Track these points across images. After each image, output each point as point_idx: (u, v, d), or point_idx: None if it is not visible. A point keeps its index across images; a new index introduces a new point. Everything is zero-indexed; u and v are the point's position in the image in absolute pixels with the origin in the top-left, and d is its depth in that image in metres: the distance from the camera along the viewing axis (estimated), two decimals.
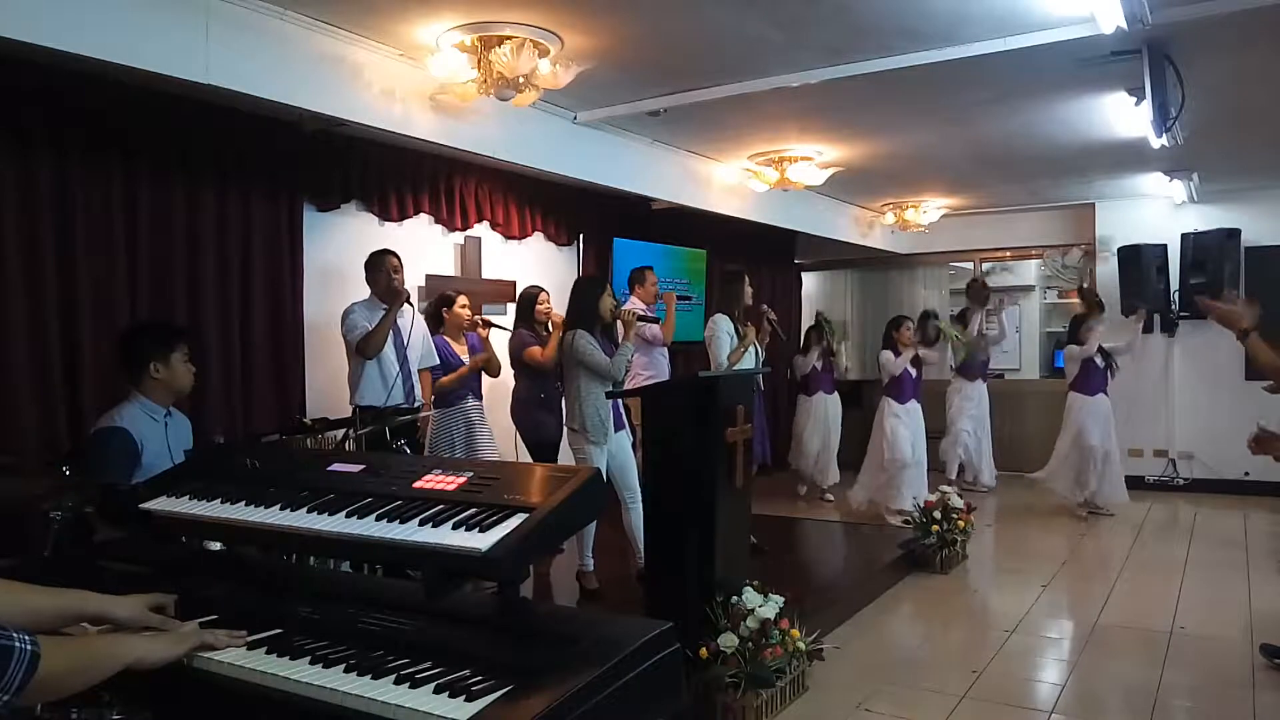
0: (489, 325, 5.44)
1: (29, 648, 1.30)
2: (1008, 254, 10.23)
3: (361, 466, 2.00)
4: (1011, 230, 9.56)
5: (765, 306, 5.65)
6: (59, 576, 2.02)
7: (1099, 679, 4.03)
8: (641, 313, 5.00)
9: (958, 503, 5.89)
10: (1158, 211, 8.48)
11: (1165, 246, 8.25)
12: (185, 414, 3.39)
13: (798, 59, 4.50)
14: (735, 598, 3.60)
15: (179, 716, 1.72)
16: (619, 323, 4.75)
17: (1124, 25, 3.72)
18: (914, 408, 6.91)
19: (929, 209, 8.94)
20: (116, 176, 4.09)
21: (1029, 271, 11.24)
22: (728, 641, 3.45)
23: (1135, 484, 8.10)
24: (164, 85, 3.70)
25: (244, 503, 1.96)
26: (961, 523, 5.84)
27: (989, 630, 4.70)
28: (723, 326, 5.53)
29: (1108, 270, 8.60)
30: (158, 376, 3.18)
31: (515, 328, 5.51)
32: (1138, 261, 8.20)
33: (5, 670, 1.26)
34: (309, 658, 1.55)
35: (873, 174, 7.33)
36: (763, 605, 3.58)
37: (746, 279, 5.74)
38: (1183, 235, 8.15)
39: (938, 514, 5.76)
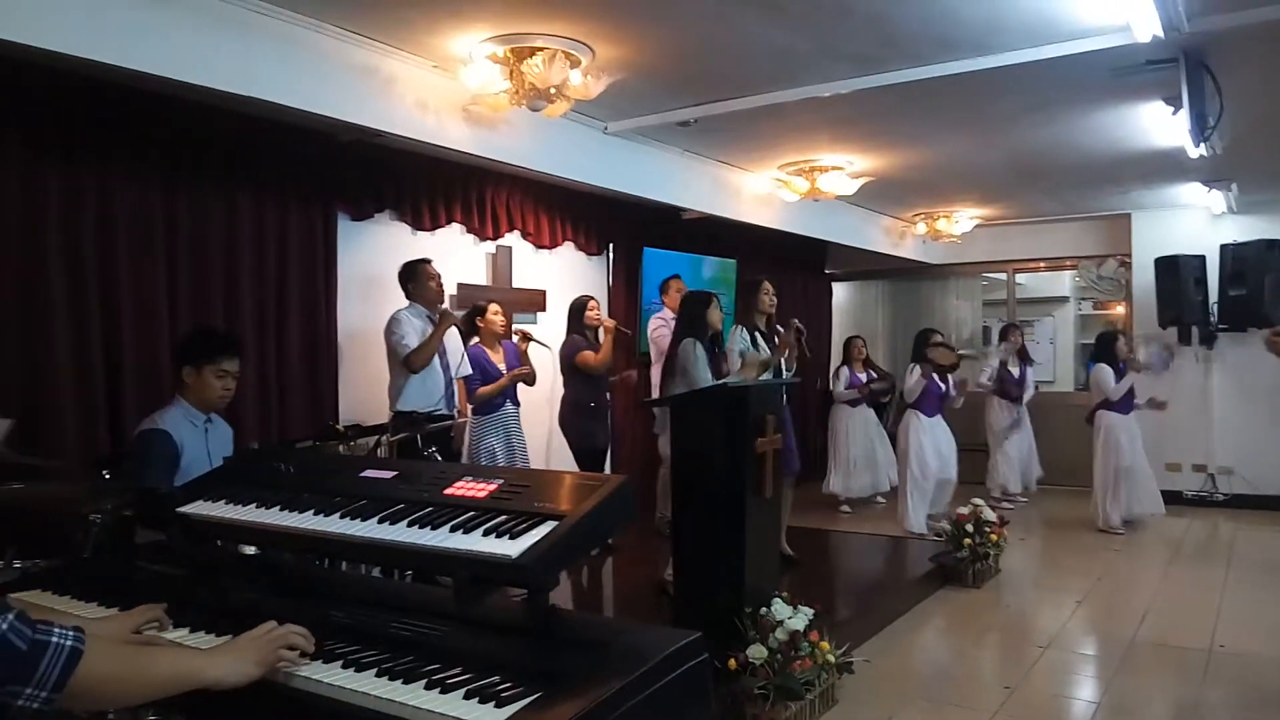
0: (528, 339, 5.49)
1: (68, 643, 1.27)
2: (1041, 265, 10.12)
3: (393, 473, 2.02)
4: (1045, 241, 9.46)
5: (795, 321, 5.37)
6: (99, 578, 2.07)
7: (1135, 696, 3.96)
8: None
9: (990, 516, 5.82)
10: (1196, 222, 8.35)
11: (1203, 258, 8.10)
12: (226, 420, 3.45)
13: (829, 69, 4.49)
14: (765, 609, 3.58)
15: (211, 717, 1.74)
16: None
17: (1160, 34, 3.68)
18: (939, 422, 6.81)
19: (961, 219, 8.88)
20: (157, 186, 4.17)
21: (1063, 283, 11.11)
22: (757, 653, 3.43)
23: (1173, 499, 7.97)
24: (203, 97, 3.77)
25: (278, 508, 1.98)
26: (994, 536, 5.77)
27: (1022, 646, 4.64)
28: (738, 338, 5.26)
29: (1144, 282, 8.48)
30: (187, 383, 3.25)
31: (567, 334, 5.55)
32: (1175, 273, 8.07)
33: (38, 665, 1.24)
34: (341, 661, 1.56)
35: (904, 184, 7.29)
36: (792, 617, 3.56)
37: (767, 287, 5.37)
38: (1221, 246, 8.00)
39: (970, 527, 5.69)
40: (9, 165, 3.66)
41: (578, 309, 5.59)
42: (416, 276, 4.75)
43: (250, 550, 2.47)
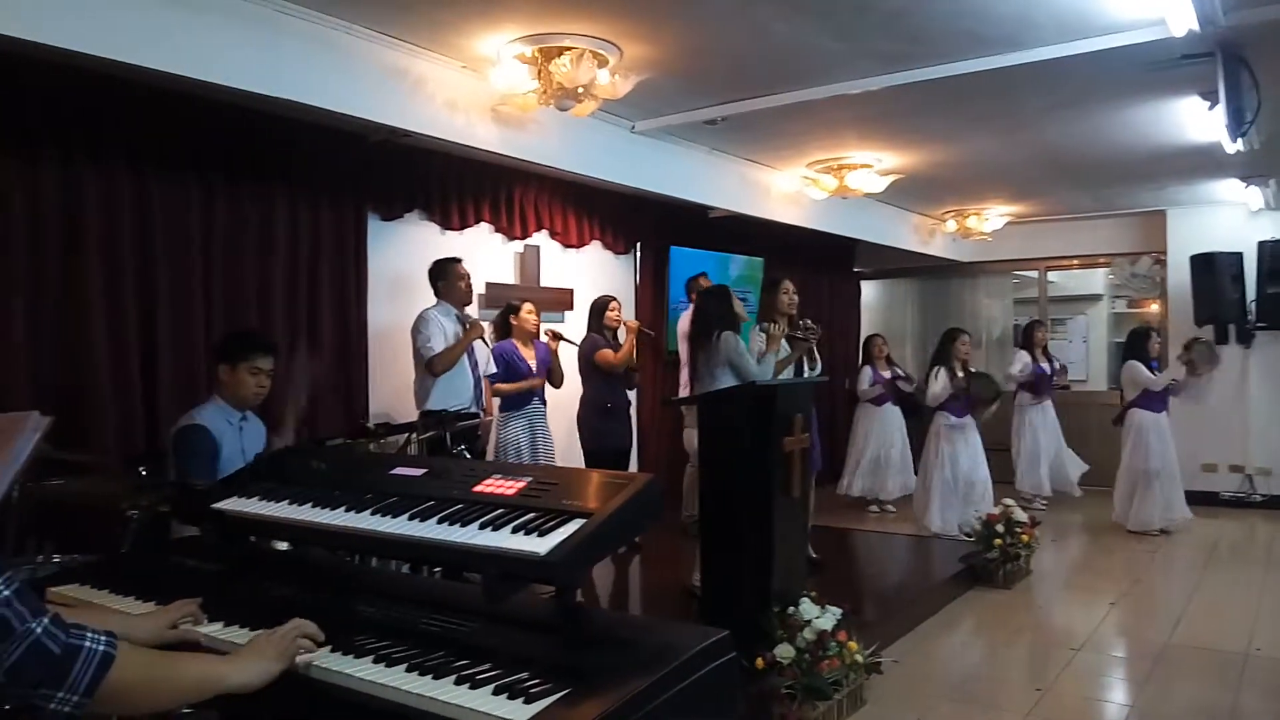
0: (558, 338, 5.51)
1: (100, 648, 1.29)
2: (1074, 262, 9.99)
3: (423, 470, 2.04)
4: (1078, 238, 9.34)
5: (806, 321, 5.25)
6: (137, 572, 2.11)
7: (1169, 700, 3.91)
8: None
9: (1021, 516, 5.76)
10: (1233, 218, 8.20)
11: (1241, 255, 7.97)
12: (259, 418, 3.50)
13: (857, 66, 4.47)
14: (792, 608, 3.57)
15: (244, 711, 1.77)
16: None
17: (1196, 27, 3.62)
18: (969, 422, 6.69)
19: (992, 216, 8.79)
20: (193, 187, 4.23)
21: (1097, 281, 10.97)
22: (784, 652, 3.42)
23: (1209, 500, 7.85)
24: (236, 99, 3.82)
25: (310, 504, 2.00)
26: (1025, 537, 5.71)
27: (1054, 647, 4.59)
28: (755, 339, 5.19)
29: (1179, 280, 8.35)
30: (223, 380, 3.31)
31: (587, 333, 5.57)
32: (1211, 270, 7.93)
33: (70, 669, 1.26)
34: (372, 656, 1.58)
35: (934, 181, 7.23)
36: (820, 617, 3.55)
37: (787, 286, 5.20)
38: (1260, 243, 7.86)
39: (1000, 528, 5.64)
40: (47, 167, 3.73)
41: (599, 309, 5.60)
42: (446, 275, 4.78)
43: (283, 546, 2.51)
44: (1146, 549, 6.64)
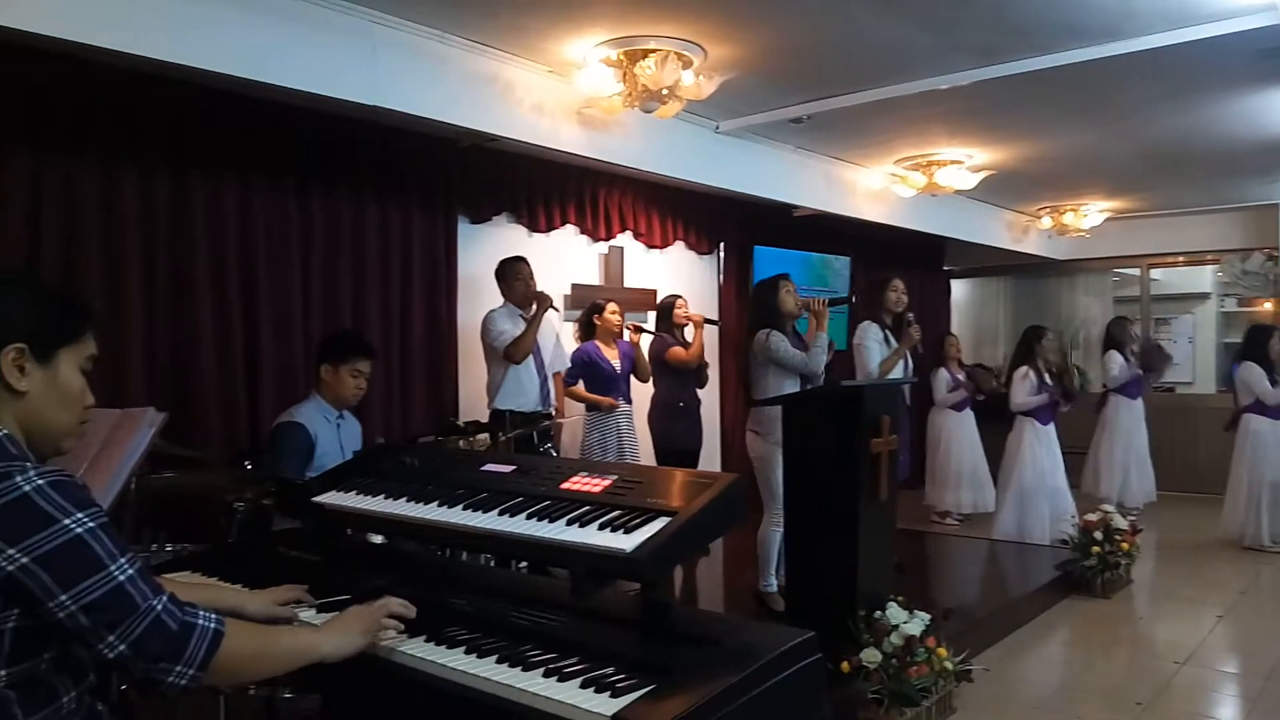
0: (640, 331, 5.53)
1: (212, 625, 1.37)
2: (1179, 259, 9.55)
3: (513, 467, 2.08)
4: (1184, 234, 8.94)
5: (910, 316, 5.29)
6: (242, 561, 2.21)
7: None
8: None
9: (1121, 523, 5.54)
10: None
11: None
12: (356, 417, 3.63)
13: (948, 61, 4.38)
14: (879, 612, 3.52)
15: (344, 696, 1.84)
16: (809, 315, 4.44)
17: None
18: (1051, 429, 6.35)
19: (1090, 212, 8.47)
20: (292, 192, 4.41)
21: (1204, 278, 10.47)
22: (870, 656, 3.37)
23: None
24: (333, 107, 3.97)
25: (405, 499, 2.07)
26: (1125, 545, 5.49)
27: (1156, 660, 4.41)
28: (871, 334, 5.21)
29: None
30: (325, 380, 3.44)
31: (655, 334, 5.59)
32: None
33: (187, 646, 1.34)
34: (464, 647, 1.63)
35: (1028, 177, 7.02)
36: (908, 622, 3.49)
37: (896, 284, 5.30)
38: None
39: (1099, 535, 5.44)
40: (157, 176, 3.94)
41: (666, 308, 5.56)
42: (507, 276, 4.80)
43: (377, 539, 2.60)
44: (1256, 561, 6.31)
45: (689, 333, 5.51)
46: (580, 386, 5.23)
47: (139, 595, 1.32)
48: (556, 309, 4.97)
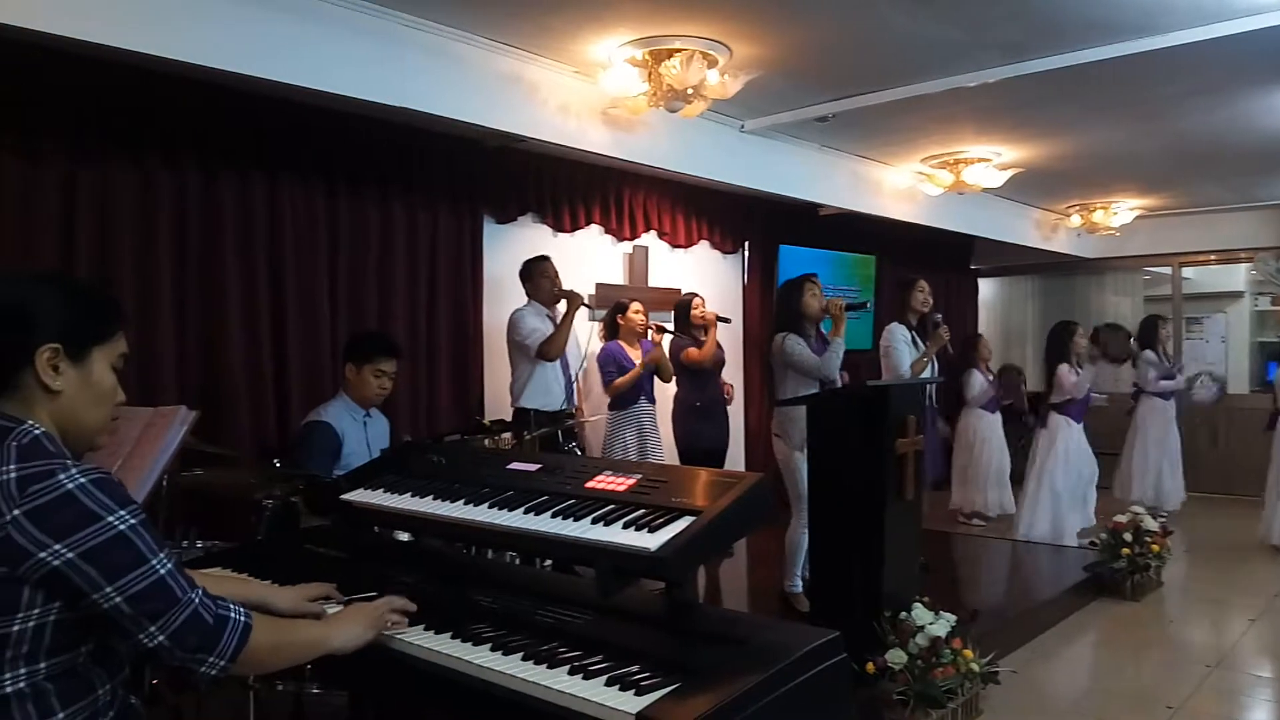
0: (663, 331, 5.53)
1: (243, 619, 1.43)
2: (1212, 257, 9.41)
3: (538, 465, 2.09)
4: (1215, 232, 8.81)
5: (939, 317, 5.28)
6: (271, 558, 2.24)
7: None
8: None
9: (1151, 525, 5.47)
10: None
11: None
12: (384, 415, 3.66)
13: (975, 58, 4.34)
14: (904, 613, 3.50)
15: (371, 691, 1.86)
16: (830, 317, 4.43)
17: None
18: (1081, 427, 6.26)
19: (1120, 210, 8.37)
20: (319, 193, 4.45)
21: (1237, 276, 10.30)
22: (896, 657, 3.36)
23: None
24: (359, 108, 4.00)
25: (431, 497, 2.09)
26: (1156, 547, 5.42)
27: (1187, 664, 4.35)
28: (899, 336, 5.21)
29: None
30: (349, 380, 3.48)
31: (675, 334, 5.59)
32: None
33: (221, 637, 1.40)
34: (490, 645, 1.64)
35: (1057, 174, 6.95)
36: (933, 623, 3.46)
37: (923, 285, 5.34)
38: None
39: (1128, 536, 5.37)
40: (187, 178, 3.99)
41: (684, 308, 5.54)
42: (533, 275, 4.81)
43: (404, 536, 2.62)
44: None
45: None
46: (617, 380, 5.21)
47: (179, 588, 1.37)
48: (590, 306, 4.97)
